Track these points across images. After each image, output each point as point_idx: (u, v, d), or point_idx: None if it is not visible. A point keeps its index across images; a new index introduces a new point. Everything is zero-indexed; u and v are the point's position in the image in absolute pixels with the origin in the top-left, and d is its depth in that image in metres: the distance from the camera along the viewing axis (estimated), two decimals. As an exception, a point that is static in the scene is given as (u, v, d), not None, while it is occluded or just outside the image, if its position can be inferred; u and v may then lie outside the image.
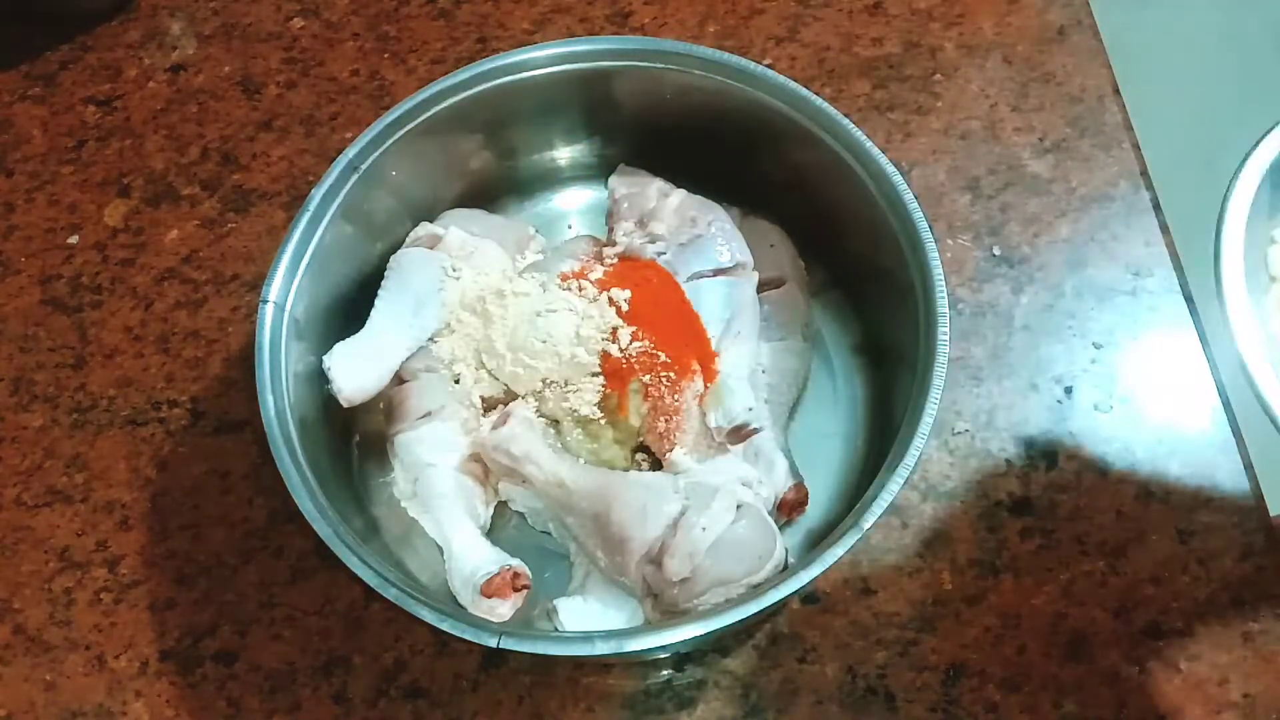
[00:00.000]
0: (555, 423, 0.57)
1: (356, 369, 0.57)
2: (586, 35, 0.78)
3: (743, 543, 0.51)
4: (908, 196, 0.55)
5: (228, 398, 0.66)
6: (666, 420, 0.56)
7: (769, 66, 0.60)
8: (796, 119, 0.59)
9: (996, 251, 0.68)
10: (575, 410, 0.56)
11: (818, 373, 0.62)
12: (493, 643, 0.46)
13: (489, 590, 0.52)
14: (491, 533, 0.58)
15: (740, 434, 0.55)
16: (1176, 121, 0.72)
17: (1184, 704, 0.55)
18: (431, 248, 0.61)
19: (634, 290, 0.58)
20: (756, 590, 0.49)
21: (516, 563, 0.53)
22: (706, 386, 0.57)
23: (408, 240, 0.62)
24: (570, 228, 0.69)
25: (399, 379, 0.59)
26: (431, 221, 0.63)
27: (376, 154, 0.59)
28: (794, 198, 0.63)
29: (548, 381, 0.57)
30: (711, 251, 0.60)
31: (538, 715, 0.56)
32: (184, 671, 0.58)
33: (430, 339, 0.59)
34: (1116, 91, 0.73)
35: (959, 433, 0.62)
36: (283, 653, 0.58)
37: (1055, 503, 0.60)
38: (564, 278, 0.59)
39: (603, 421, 0.56)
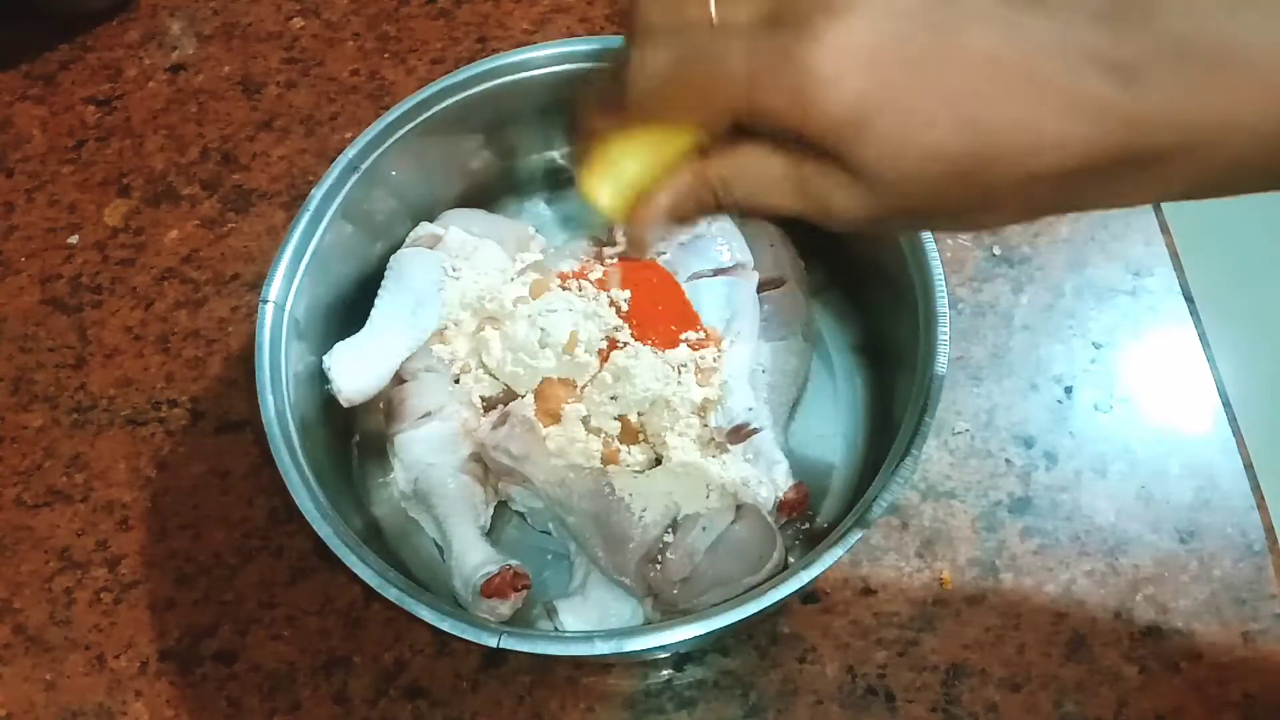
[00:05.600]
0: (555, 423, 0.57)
1: (356, 369, 0.57)
2: (586, 35, 0.78)
3: (742, 543, 0.51)
4: (908, 196, 0.55)
5: (228, 398, 0.66)
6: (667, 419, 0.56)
7: (769, 66, 0.60)
8: (796, 119, 0.59)
9: (996, 251, 0.68)
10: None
11: (818, 373, 0.62)
12: (493, 643, 0.46)
13: (489, 590, 0.52)
14: (491, 533, 0.58)
15: (740, 434, 0.56)
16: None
17: (1184, 704, 0.55)
18: (431, 248, 0.61)
19: (634, 290, 0.58)
20: (756, 590, 0.49)
21: (516, 563, 0.53)
22: (706, 386, 0.56)
23: (408, 240, 0.62)
24: (570, 228, 0.69)
25: (399, 379, 0.59)
26: (431, 221, 0.63)
27: (376, 154, 0.59)
28: (794, 198, 0.63)
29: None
30: (711, 251, 0.60)
31: (538, 715, 0.56)
32: (184, 671, 0.58)
33: (430, 339, 0.59)
34: (1116, 91, 0.73)
35: (959, 433, 0.62)
36: (283, 653, 0.58)
37: (1055, 503, 0.60)
38: (563, 277, 0.59)
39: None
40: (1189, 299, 0.66)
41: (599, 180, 0.37)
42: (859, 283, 0.63)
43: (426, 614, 0.47)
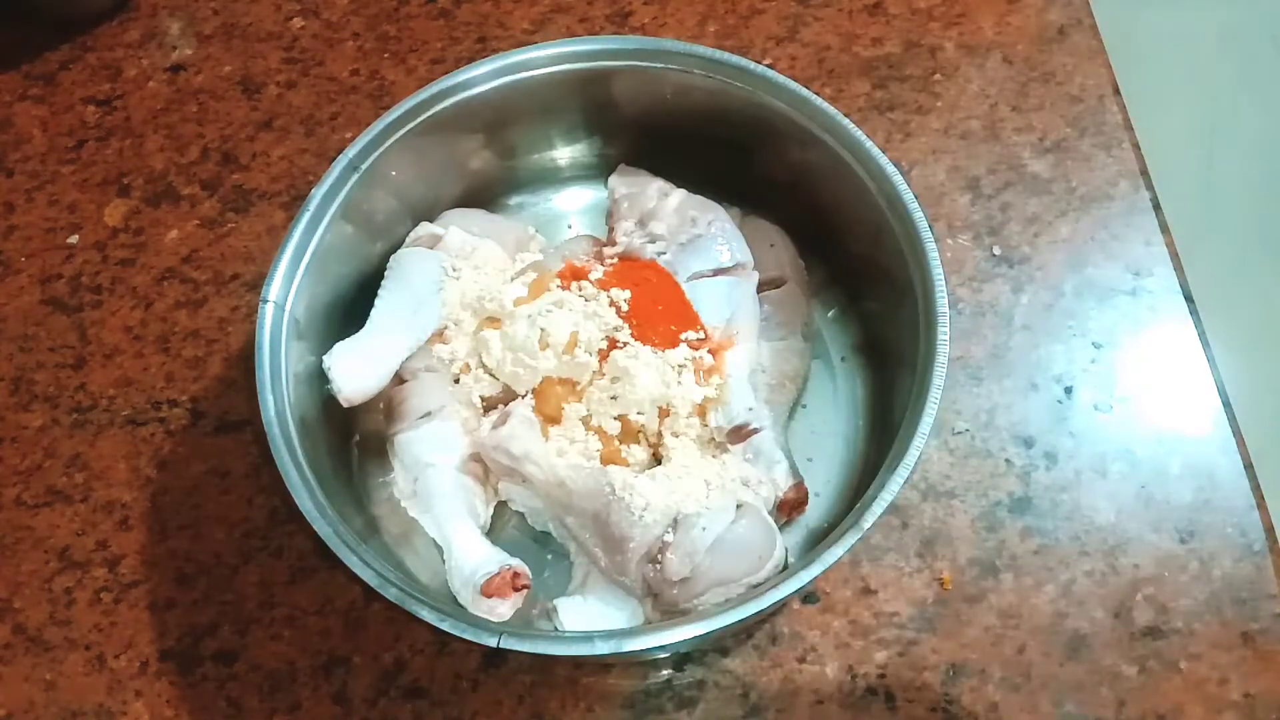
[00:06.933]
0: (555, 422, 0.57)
1: (356, 369, 0.57)
2: (586, 35, 0.78)
3: (743, 543, 0.51)
4: (908, 196, 0.55)
5: (228, 398, 0.66)
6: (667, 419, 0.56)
7: (769, 66, 0.60)
8: (796, 119, 0.59)
9: (996, 251, 0.68)
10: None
11: (818, 373, 0.62)
12: (493, 643, 0.47)
13: (489, 590, 0.52)
14: (491, 533, 0.58)
15: (740, 434, 0.56)
16: (1176, 121, 0.72)
17: (1184, 704, 0.55)
18: (431, 247, 0.61)
19: (634, 290, 0.58)
20: (756, 590, 0.49)
21: (516, 563, 0.53)
22: (706, 386, 0.56)
23: (408, 240, 0.62)
24: (570, 228, 0.69)
25: (399, 379, 0.59)
26: (431, 221, 0.63)
27: (376, 154, 0.59)
28: (794, 198, 0.63)
29: (548, 381, 0.57)
30: (711, 251, 0.60)
31: (538, 715, 0.56)
32: (184, 671, 0.58)
33: (430, 339, 0.59)
34: (1116, 91, 0.73)
35: (959, 433, 0.62)
36: (283, 653, 0.58)
37: (1055, 503, 0.60)
38: (562, 276, 0.59)
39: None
40: (1189, 299, 0.66)
41: None
42: (859, 283, 0.63)
43: (426, 614, 0.47)
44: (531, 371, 0.57)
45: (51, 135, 0.77)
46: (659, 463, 0.57)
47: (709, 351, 0.58)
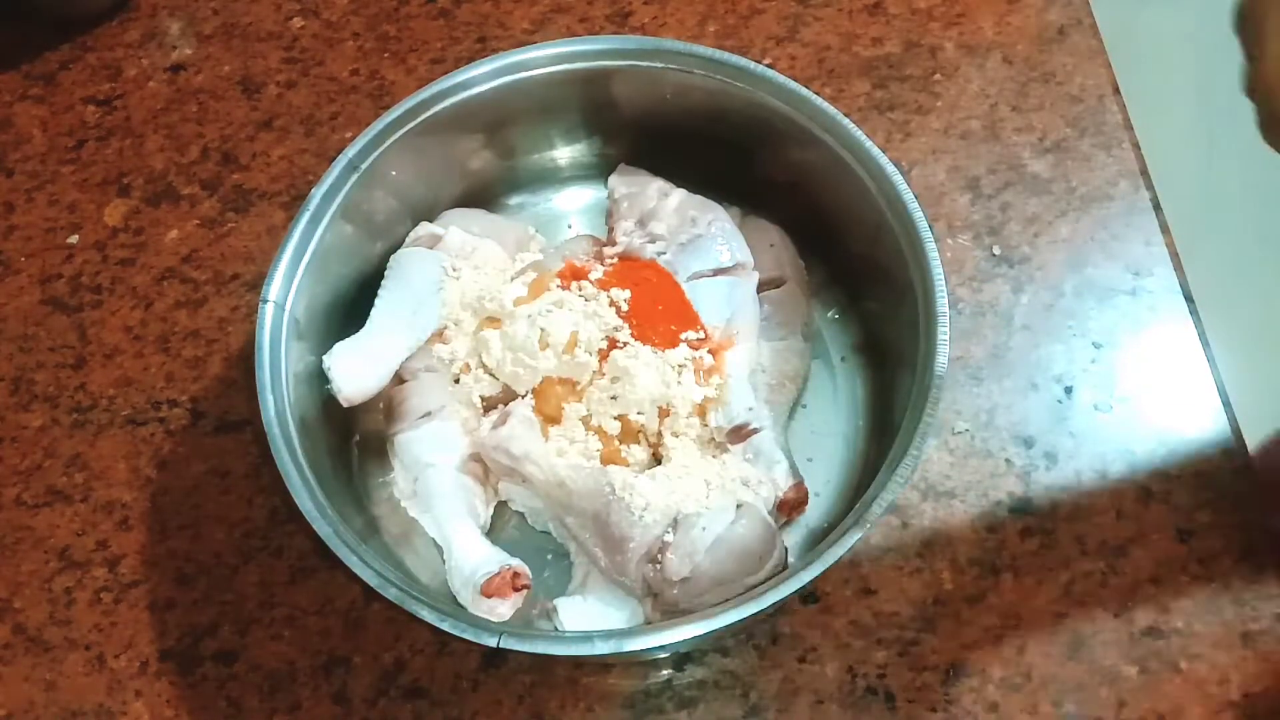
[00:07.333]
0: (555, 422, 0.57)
1: (356, 369, 0.57)
2: (586, 35, 0.78)
3: (742, 542, 0.51)
4: (908, 196, 0.55)
5: (228, 398, 0.66)
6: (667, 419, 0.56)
7: (769, 66, 0.60)
8: (796, 119, 0.59)
9: (996, 251, 0.68)
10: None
11: (818, 373, 0.62)
12: (493, 643, 0.47)
13: (489, 590, 0.52)
14: (491, 533, 0.58)
15: (740, 434, 0.56)
16: (1176, 121, 0.72)
17: (1184, 704, 0.55)
18: (431, 247, 0.61)
19: (634, 290, 0.58)
20: (756, 590, 0.49)
21: (516, 562, 0.53)
22: (706, 386, 0.56)
23: (408, 240, 0.62)
24: (570, 228, 0.69)
25: (399, 379, 0.59)
26: (431, 221, 0.63)
27: (376, 154, 0.59)
28: (794, 198, 0.63)
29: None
30: (711, 251, 0.60)
31: (538, 715, 0.56)
32: (184, 671, 0.58)
33: (430, 339, 0.59)
34: (1116, 91, 0.73)
35: (959, 433, 0.62)
36: (283, 653, 0.58)
37: (1055, 503, 0.60)
38: (562, 276, 0.59)
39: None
40: (1189, 299, 0.66)
41: None
42: (859, 283, 0.63)
43: (426, 614, 0.47)
44: (531, 371, 0.57)
45: (51, 135, 0.77)
46: (659, 463, 0.57)
47: (709, 351, 0.58)
